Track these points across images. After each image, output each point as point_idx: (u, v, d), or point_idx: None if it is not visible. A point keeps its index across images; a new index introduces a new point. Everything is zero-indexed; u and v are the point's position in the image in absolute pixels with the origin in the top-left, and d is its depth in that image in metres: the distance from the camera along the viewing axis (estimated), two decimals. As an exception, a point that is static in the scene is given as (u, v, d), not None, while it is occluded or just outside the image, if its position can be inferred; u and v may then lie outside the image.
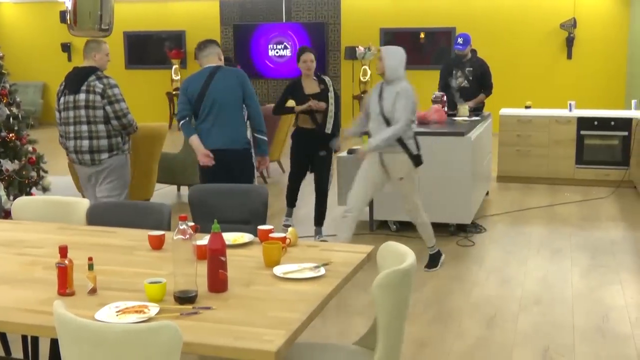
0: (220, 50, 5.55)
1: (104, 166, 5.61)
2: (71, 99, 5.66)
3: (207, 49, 5.46)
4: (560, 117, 8.82)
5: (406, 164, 5.42)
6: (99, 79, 5.66)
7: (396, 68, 5.50)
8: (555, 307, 4.87)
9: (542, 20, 12.96)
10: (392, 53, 5.51)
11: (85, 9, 6.56)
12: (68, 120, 5.67)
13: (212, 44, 5.53)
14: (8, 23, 16.10)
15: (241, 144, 5.38)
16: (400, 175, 5.45)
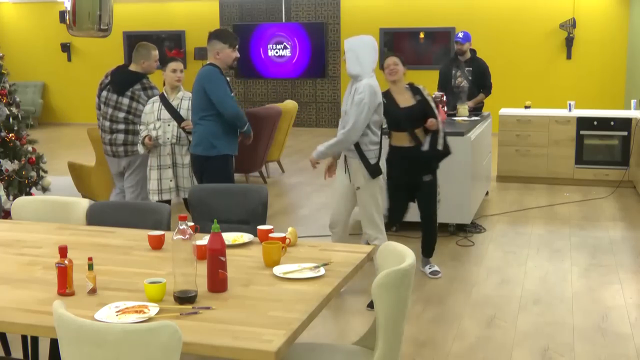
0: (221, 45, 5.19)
1: (137, 157, 6.01)
2: (114, 98, 6.03)
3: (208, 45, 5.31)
4: (560, 117, 8.82)
5: (362, 173, 4.89)
6: (144, 89, 6.01)
7: (356, 62, 4.81)
8: (555, 307, 4.87)
9: (541, 20, 12.96)
10: (352, 45, 4.84)
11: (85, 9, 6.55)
12: (106, 116, 6.07)
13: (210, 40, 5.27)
14: (7, 23, 16.09)
15: (207, 149, 5.19)
16: (357, 185, 4.93)
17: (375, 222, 4.94)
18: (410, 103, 5.29)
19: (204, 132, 5.19)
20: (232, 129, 5.26)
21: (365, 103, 4.72)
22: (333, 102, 14.40)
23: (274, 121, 8.90)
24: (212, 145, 5.18)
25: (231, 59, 5.25)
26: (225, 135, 5.21)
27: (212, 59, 5.23)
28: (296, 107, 9.83)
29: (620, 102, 12.48)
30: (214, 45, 5.20)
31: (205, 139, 5.18)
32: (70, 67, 15.92)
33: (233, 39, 5.25)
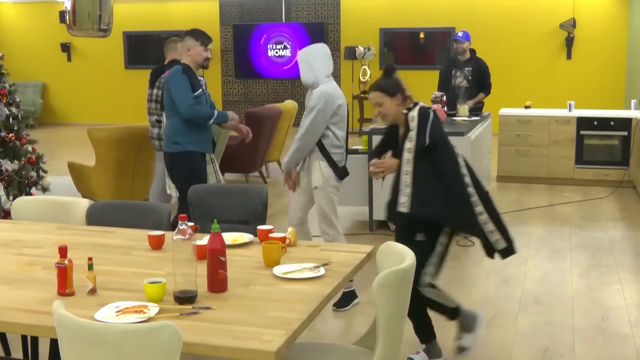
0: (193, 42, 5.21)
1: None
2: (150, 92, 6.44)
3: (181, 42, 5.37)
4: (560, 117, 8.82)
5: (321, 172, 4.82)
6: None
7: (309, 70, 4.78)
8: (555, 307, 4.87)
9: (541, 20, 12.96)
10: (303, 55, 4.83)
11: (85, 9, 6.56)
12: (150, 111, 6.46)
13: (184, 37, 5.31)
14: (7, 23, 16.09)
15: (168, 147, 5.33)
16: (315, 184, 4.85)
17: (331, 221, 4.89)
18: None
19: (168, 129, 5.32)
20: (199, 126, 5.28)
21: (320, 109, 4.70)
22: (333, 102, 14.40)
23: (274, 121, 8.90)
24: (175, 142, 5.27)
25: (202, 57, 5.25)
26: (190, 132, 5.25)
27: (183, 57, 5.29)
28: (296, 107, 9.83)
29: (620, 102, 12.48)
30: (186, 42, 5.24)
31: (170, 135, 5.29)
32: (70, 67, 15.92)
33: (206, 38, 5.27)
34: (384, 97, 4.00)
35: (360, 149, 6.89)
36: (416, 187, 3.85)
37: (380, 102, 4.01)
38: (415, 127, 3.88)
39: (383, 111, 4.02)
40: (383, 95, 4.01)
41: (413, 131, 3.88)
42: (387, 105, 4.00)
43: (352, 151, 6.96)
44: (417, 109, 3.93)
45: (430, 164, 3.90)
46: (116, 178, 7.12)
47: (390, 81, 4.05)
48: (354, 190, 6.86)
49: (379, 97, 4.01)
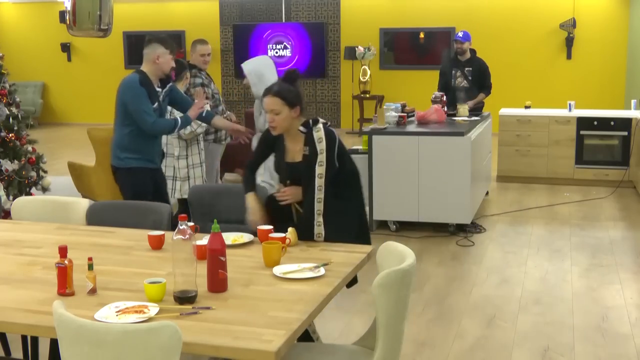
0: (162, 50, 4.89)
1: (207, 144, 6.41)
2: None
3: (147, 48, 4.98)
4: (560, 117, 8.82)
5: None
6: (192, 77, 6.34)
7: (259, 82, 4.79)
8: (555, 307, 4.87)
9: (541, 20, 12.96)
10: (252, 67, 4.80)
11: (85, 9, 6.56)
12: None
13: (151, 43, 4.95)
14: (7, 23, 16.09)
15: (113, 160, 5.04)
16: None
17: None
18: (298, 158, 3.68)
19: (115, 141, 5.02)
20: (146, 141, 4.97)
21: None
22: (333, 102, 14.40)
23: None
24: (118, 157, 4.99)
25: (169, 66, 4.95)
26: (135, 148, 4.94)
27: (147, 64, 4.91)
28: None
29: (620, 102, 12.48)
30: (155, 50, 4.88)
31: (115, 148, 5.01)
32: (70, 67, 15.91)
33: (173, 47, 5.01)
34: (283, 105, 3.56)
35: (360, 149, 6.89)
36: (330, 217, 3.54)
37: (277, 111, 3.56)
38: (324, 150, 3.56)
39: (277, 121, 3.57)
40: (282, 103, 3.57)
41: (322, 154, 3.55)
42: (284, 116, 3.57)
43: (353, 151, 6.95)
44: (323, 130, 3.60)
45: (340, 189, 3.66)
46: (116, 178, 7.11)
47: (293, 90, 3.61)
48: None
49: (278, 104, 3.56)
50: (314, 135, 3.59)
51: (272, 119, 3.58)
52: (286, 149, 3.69)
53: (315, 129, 3.61)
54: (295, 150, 3.67)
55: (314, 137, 3.59)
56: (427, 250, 6.16)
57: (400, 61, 13.76)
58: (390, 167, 6.55)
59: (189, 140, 5.83)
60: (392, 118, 6.97)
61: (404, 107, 7.33)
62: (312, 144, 3.59)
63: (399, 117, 6.96)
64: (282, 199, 3.66)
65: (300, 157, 3.64)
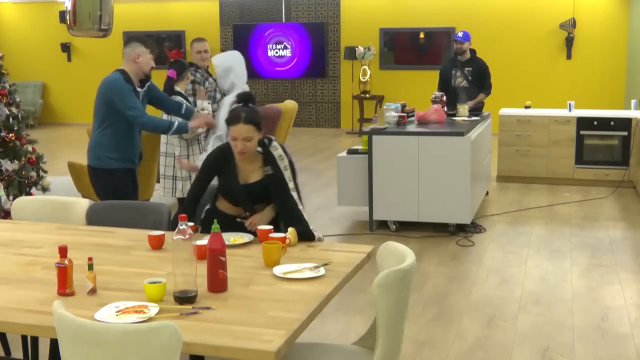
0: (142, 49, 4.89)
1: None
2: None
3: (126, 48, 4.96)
4: (560, 117, 8.82)
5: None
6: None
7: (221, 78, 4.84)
8: (555, 307, 4.87)
9: (541, 20, 12.96)
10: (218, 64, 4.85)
11: (85, 9, 6.56)
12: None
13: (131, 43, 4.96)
14: (7, 23, 16.09)
15: (91, 160, 5.00)
16: None
17: None
18: (254, 178, 3.67)
19: (93, 140, 4.97)
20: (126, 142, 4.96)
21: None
22: (333, 102, 14.40)
23: (274, 121, 8.90)
24: (97, 156, 4.95)
25: (149, 66, 4.95)
26: (115, 148, 4.92)
27: (127, 64, 4.93)
28: (296, 107, 9.83)
29: (620, 102, 12.48)
30: (135, 49, 4.89)
31: (93, 147, 4.96)
32: (70, 67, 15.91)
33: (153, 47, 5.00)
34: (255, 131, 3.53)
35: (360, 149, 6.89)
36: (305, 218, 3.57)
37: (250, 137, 3.51)
38: (288, 167, 3.63)
39: (248, 147, 3.52)
40: (255, 129, 3.53)
41: (288, 171, 3.62)
42: (255, 142, 3.55)
43: (352, 151, 6.96)
44: (280, 147, 3.65)
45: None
46: (116, 178, 7.10)
47: (258, 112, 3.60)
48: (353, 191, 6.86)
49: (251, 131, 3.52)
50: (274, 154, 3.62)
51: (243, 146, 3.51)
52: (238, 170, 3.64)
53: (273, 147, 3.63)
54: (249, 171, 3.65)
55: (274, 156, 3.61)
56: (427, 250, 6.17)
57: (400, 61, 13.76)
58: (390, 167, 6.56)
59: (190, 140, 5.84)
60: (392, 118, 6.97)
61: (404, 107, 7.33)
62: (273, 162, 3.60)
63: (399, 117, 6.96)
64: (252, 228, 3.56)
65: (257, 176, 3.64)
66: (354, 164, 6.87)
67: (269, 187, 3.62)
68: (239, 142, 3.51)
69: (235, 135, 3.51)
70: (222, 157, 3.68)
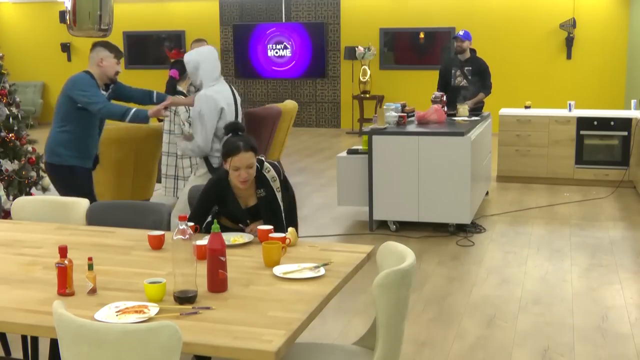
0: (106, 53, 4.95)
1: None
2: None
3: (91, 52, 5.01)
4: (560, 117, 8.82)
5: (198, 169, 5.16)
6: None
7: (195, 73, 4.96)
8: (555, 307, 4.87)
9: (541, 20, 12.96)
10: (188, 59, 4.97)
11: (85, 9, 6.57)
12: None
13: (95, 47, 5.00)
14: (7, 23, 16.09)
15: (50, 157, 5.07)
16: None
17: None
18: (253, 201, 3.77)
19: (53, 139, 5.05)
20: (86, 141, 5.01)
21: (203, 114, 4.90)
22: (333, 102, 14.40)
23: (274, 121, 8.90)
24: (56, 153, 5.01)
25: (114, 70, 4.99)
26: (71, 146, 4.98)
27: (92, 67, 4.98)
28: (296, 107, 9.82)
29: (620, 102, 12.48)
30: (99, 53, 4.95)
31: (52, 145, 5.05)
32: (70, 67, 15.89)
33: (119, 52, 5.03)
34: (254, 157, 3.63)
35: (360, 149, 6.89)
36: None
37: (252, 164, 3.60)
38: (279, 188, 3.75)
39: (250, 174, 3.61)
40: (254, 155, 3.63)
41: (279, 193, 3.75)
42: (255, 167, 3.64)
43: (352, 151, 6.96)
44: (272, 168, 3.76)
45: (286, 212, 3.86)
46: (116, 178, 7.12)
47: (252, 138, 3.69)
48: (353, 191, 6.86)
49: (253, 157, 3.61)
50: (267, 176, 3.72)
51: (247, 174, 3.59)
52: (237, 197, 3.72)
53: (265, 170, 3.73)
54: (247, 195, 3.74)
55: (267, 178, 3.72)
56: (427, 250, 6.17)
57: (400, 61, 13.76)
58: (390, 167, 6.56)
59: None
60: (392, 118, 6.97)
61: (404, 107, 7.33)
62: (266, 184, 3.70)
63: (399, 117, 6.96)
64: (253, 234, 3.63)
65: (254, 200, 3.73)
66: (354, 164, 6.87)
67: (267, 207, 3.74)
68: (242, 170, 3.58)
69: (238, 165, 3.57)
70: (218, 188, 3.75)
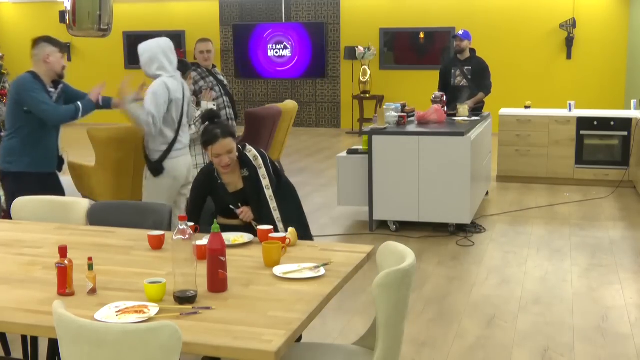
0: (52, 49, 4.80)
1: None
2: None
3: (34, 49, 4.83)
4: (560, 117, 8.82)
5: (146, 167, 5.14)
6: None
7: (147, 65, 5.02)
8: (555, 307, 4.87)
9: (541, 20, 12.96)
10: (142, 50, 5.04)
11: (85, 9, 6.57)
12: None
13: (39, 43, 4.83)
14: (7, 23, 16.08)
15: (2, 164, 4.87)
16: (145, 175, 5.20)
17: None
18: (241, 184, 3.89)
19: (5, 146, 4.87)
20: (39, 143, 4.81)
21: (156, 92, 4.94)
22: (333, 102, 14.40)
23: (274, 121, 8.90)
24: (7, 161, 4.83)
25: (61, 65, 4.86)
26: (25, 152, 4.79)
27: (38, 65, 4.82)
28: (296, 107, 9.82)
29: (620, 102, 12.48)
30: (44, 49, 4.78)
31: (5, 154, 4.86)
32: (70, 67, 15.82)
33: (63, 46, 4.89)
34: (233, 142, 3.75)
35: (360, 149, 6.89)
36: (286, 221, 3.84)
37: (232, 149, 3.72)
38: (262, 165, 3.86)
39: (232, 158, 3.73)
40: (233, 140, 3.74)
41: (262, 169, 3.85)
42: (235, 152, 3.76)
43: (352, 151, 6.96)
44: (254, 149, 3.88)
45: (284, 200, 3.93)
46: (116, 178, 7.11)
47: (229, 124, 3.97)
48: (353, 191, 6.86)
49: (232, 143, 3.73)
50: (249, 155, 3.85)
51: (228, 159, 3.70)
52: (225, 184, 3.83)
53: (247, 150, 3.86)
54: (235, 181, 3.86)
55: (249, 157, 3.85)
56: (427, 250, 6.17)
57: (400, 61, 13.76)
58: (390, 167, 6.56)
59: (194, 140, 5.83)
60: (392, 118, 6.97)
61: (404, 107, 7.33)
62: (249, 164, 3.84)
63: (399, 117, 6.96)
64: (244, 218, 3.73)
65: (241, 183, 3.86)
66: (354, 164, 6.87)
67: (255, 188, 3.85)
68: (223, 156, 3.71)
69: (219, 152, 3.70)
70: (207, 179, 3.87)
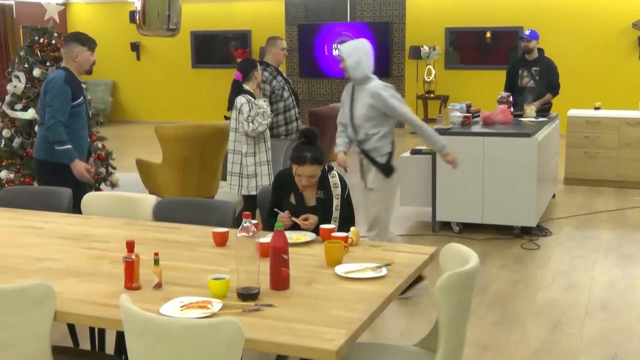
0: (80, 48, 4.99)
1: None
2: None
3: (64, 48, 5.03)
4: (631, 118, 8.57)
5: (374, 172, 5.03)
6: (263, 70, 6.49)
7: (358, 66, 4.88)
8: (624, 313, 4.74)
9: (612, 19, 12.63)
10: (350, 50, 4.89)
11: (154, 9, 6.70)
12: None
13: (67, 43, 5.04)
14: (79, 22, 16.52)
15: (37, 153, 5.08)
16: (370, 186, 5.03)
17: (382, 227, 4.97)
18: (310, 203, 3.85)
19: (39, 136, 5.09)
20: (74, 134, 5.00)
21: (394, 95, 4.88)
22: (397, 101, 14.33)
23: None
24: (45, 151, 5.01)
25: (90, 62, 5.04)
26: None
27: (68, 63, 5.03)
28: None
29: (694, 103, 12.07)
30: (73, 48, 4.98)
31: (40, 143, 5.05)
32: (139, 66, 16.25)
33: (92, 43, 5.03)
34: (318, 169, 3.76)
35: (424, 149, 6.85)
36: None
37: (314, 175, 3.75)
38: (339, 196, 3.82)
39: (312, 182, 3.77)
40: (318, 168, 3.76)
41: (337, 199, 3.81)
42: (317, 177, 3.78)
43: (416, 151, 6.92)
44: (338, 176, 3.86)
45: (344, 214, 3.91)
46: (182, 175, 7.24)
47: (321, 151, 3.80)
48: (417, 191, 6.82)
49: (316, 170, 3.75)
50: (330, 181, 3.85)
51: (308, 182, 3.75)
52: (303, 196, 3.84)
53: (331, 175, 3.86)
54: (310, 196, 3.86)
55: (330, 182, 3.84)
56: (490, 252, 6.08)
57: (465, 61, 13.60)
58: (455, 167, 6.48)
59: (257, 138, 5.87)
60: (456, 118, 6.90)
61: (469, 107, 7.24)
62: (327, 188, 3.83)
63: (463, 117, 6.88)
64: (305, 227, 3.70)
65: (313, 201, 3.84)
66: (417, 164, 6.83)
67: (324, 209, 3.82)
68: (303, 179, 3.75)
69: (301, 174, 3.75)
70: (289, 184, 3.86)
